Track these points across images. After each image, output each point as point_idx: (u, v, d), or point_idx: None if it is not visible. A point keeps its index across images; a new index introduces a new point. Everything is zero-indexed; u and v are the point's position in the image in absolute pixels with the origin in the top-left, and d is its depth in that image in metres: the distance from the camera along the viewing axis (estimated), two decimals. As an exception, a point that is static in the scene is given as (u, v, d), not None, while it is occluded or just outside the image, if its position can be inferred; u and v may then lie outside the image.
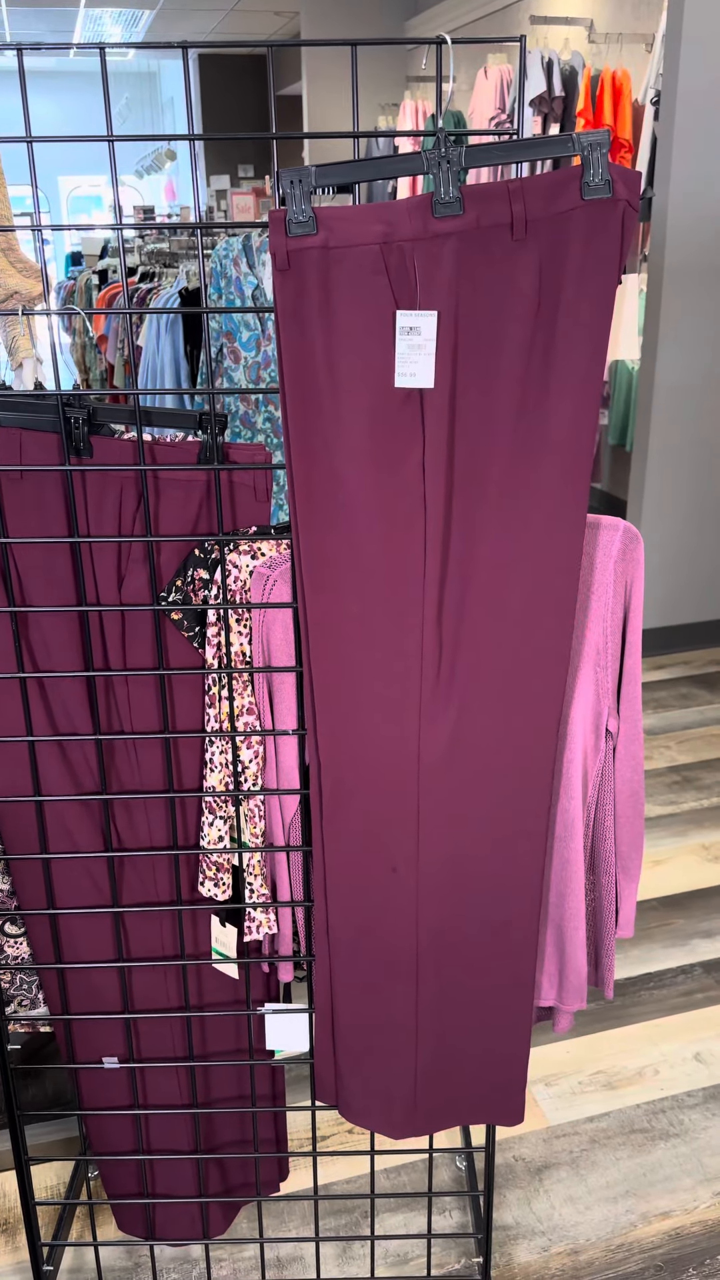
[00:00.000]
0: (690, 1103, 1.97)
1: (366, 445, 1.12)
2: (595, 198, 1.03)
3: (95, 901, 1.37)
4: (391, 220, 1.05)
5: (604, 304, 1.07)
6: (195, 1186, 1.56)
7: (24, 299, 1.71)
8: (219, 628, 1.24)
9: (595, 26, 5.10)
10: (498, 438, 1.11)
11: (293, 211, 1.05)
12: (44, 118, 12.35)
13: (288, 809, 1.33)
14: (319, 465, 1.13)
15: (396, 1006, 1.35)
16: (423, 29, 7.05)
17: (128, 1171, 1.55)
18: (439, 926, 1.31)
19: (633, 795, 1.36)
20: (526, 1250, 1.70)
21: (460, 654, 1.20)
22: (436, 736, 1.23)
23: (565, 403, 1.10)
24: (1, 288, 1.69)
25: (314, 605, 1.19)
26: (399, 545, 1.16)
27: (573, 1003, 1.41)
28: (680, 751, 3.25)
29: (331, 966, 1.35)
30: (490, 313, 1.07)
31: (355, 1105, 1.41)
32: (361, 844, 1.28)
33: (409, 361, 1.07)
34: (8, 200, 1.75)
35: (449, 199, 1.04)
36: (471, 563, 1.16)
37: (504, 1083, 1.40)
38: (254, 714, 1.29)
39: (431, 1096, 1.40)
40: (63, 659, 1.26)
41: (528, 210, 1.04)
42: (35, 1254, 1.57)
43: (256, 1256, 1.69)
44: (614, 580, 1.24)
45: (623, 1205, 1.77)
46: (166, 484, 1.21)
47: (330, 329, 1.08)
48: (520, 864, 1.29)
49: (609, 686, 1.29)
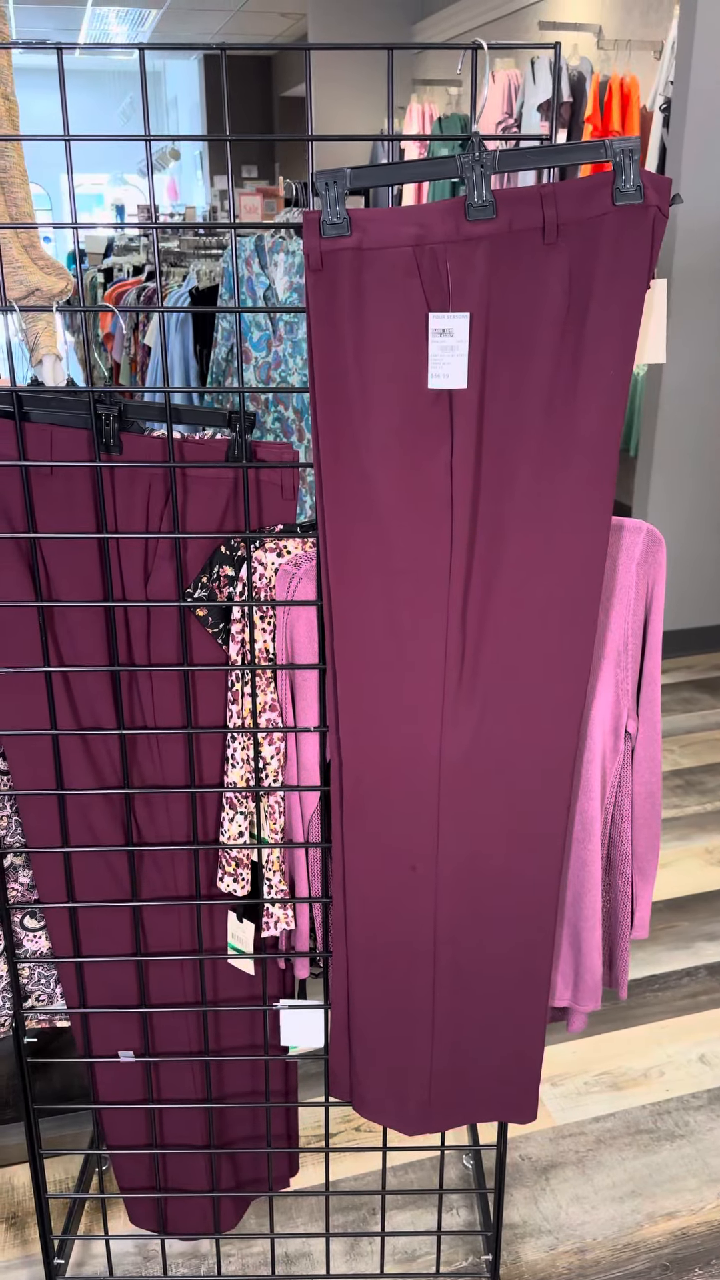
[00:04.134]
0: (695, 1104, 1.98)
1: (395, 445, 1.13)
2: (627, 203, 1.04)
3: (114, 894, 1.38)
4: (424, 223, 1.06)
5: (633, 307, 1.08)
6: (207, 1181, 1.57)
7: (45, 296, 1.72)
8: (243, 624, 1.25)
9: (604, 33, 5.12)
10: (525, 439, 1.12)
11: (327, 213, 1.06)
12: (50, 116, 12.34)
13: (308, 806, 1.34)
14: (347, 464, 1.14)
15: (412, 1003, 1.36)
16: (429, 32, 7.07)
17: (141, 1166, 1.56)
18: (456, 925, 1.32)
19: (650, 797, 1.37)
20: (533, 1249, 1.71)
21: (483, 654, 1.21)
22: (458, 736, 1.24)
23: (592, 405, 1.11)
24: (23, 285, 1.70)
25: (339, 603, 1.20)
26: (425, 545, 1.17)
27: (587, 1003, 1.42)
28: (683, 756, 3.26)
29: (348, 963, 1.35)
30: (521, 315, 1.08)
31: (370, 1101, 1.42)
32: (381, 841, 1.29)
33: (441, 363, 1.08)
34: (30, 198, 1.76)
35: (482, 202, 1.05)
36: (497, 563, 1.17)
37: (518, 1081, 1.41)
38: (276, 711, 1.29)
39: (446, 1093, 1.41)
40: (88, 653, 1.27)
41: (559, 214, 1.06)
42: (46, 1247, 1.57)
43: (265, 1252, 1.69)
44: (636, 582, 1.25)
45: (629, 1205, 1.78)
46: (194, 481, 1.22)
47: (362, 329, 1.09)
48: (539, 864, 1.30)
49: (629, 688, 1.30)
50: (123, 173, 12.84)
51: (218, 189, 9.51)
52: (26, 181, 1.72)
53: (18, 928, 1.42)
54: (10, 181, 1.66)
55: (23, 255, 1.72)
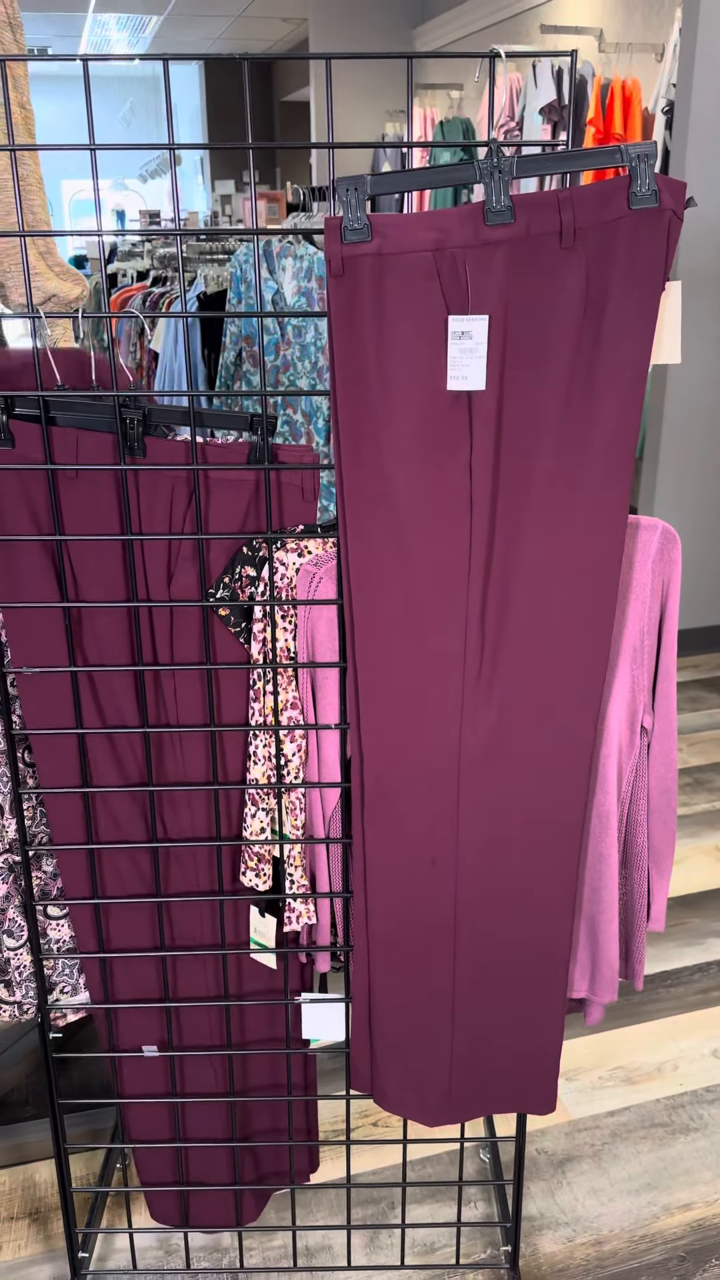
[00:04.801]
0: (709, 1098, 2.00)
1: (415, 446, 1.15)
2: (642, 207, 1.07)
3: (138, 889, 1.40)
4: (444, 227, 1.08)
5: (649, 310, 1.10)
6: (229, 1174, 1.58)
7: (61, 302, 1.74)
8: (265, 624, 1.27)
9: (605, 36, 5.14)
10: (543, 439, 1.14)
11: (348, 218, 1.08)
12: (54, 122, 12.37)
13: (329, 802, 1.36)
14: (368, 465, 1.16)
15: (433, 996, 1.38)
16: (431, 36, 7.10)
17: (163, 1159, 1.58)
18: (476, 918, 1.34)
19: (665, 792, 1.38)
20: (551, 1240, 1.72)
21: (502, 651, 1.23)
22: (477, 732, 1.26)
23: (609, 406, 1.13)
24: (40, 290, 1.72)
25: (359, 602, 1.22)
26: (444, 544, 1.19)
27: (604, 995, 1.44)
28: (692, 754, 3.28)
29: (369, 957, 1.37)
30: (538, 317, 1.10)
31: (391, 1094, 1.44)
32: (401, 837, 1.31)
33: (461, 365, 1.10)
34: (45, 205, 1.78)
35: (501, 207, 1.07)
36: (515, 561, 1.19)
37: (536, 1072, 1.43)
38: (297, 709, 1.32)
39: (466, 1085, 1.43)
40: (113, 653, 1.29)
41: (576, 219, 1.08)
42: (71, 1240, 1.59)
43: (286, 1245, 1.71)
44: (651, 579, 1.27)
45: (645, 1197, 1.80)
46: (216, 484, 1.24)
47: (382, 333, 1.11)
48: (557, 857, 1.32)
49: (645, 684, 1.32)
50: (123, 178, 12.88)
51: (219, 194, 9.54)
52: (43, 189, 1.74)
53: (41, 916, 1.44)
54: (28, 189, 1.68)
55: (40, 262, 1.75)
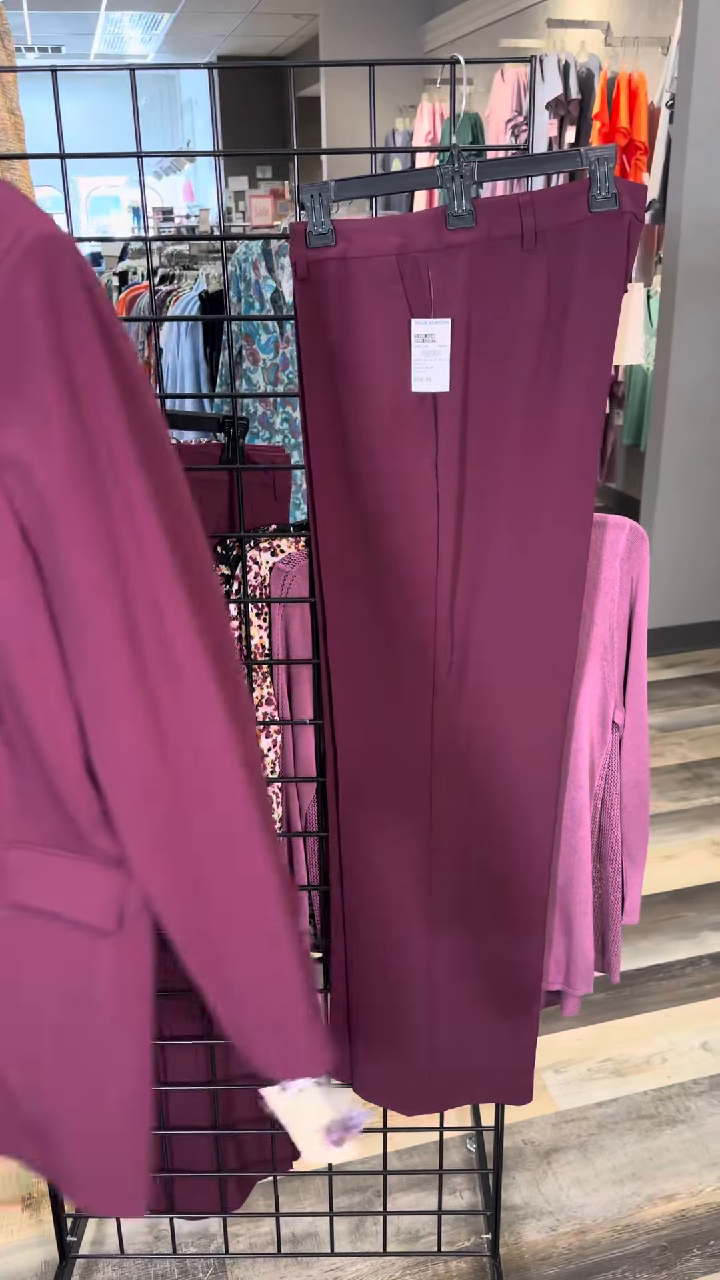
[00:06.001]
0: (697, 1090, 2.01)
1: (382, 447, 1.17)
2: (603, 210, 1.08)
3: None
4: (407, 232, 1.10)
5: (610, 311, 1.11)
6: (213, 1162, 1.61)
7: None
8: (239, 621, 1.30)
9: (612, 29, 5.13)
10: (508, 440, 1.16)
11: (313, 224, 1.10)
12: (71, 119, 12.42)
13: (305, 796, 1.39)
14: (336, 466, 1.18)
15: (410, 988, 1.40)
16: (440, 31, 7.10)
17: (149, 1147, 1.61)
18: (452, 910, 1.36)
19: (638, 786, 1.40)
20: (534, 1229, 1.74)
21: (471, 648, 1.25)
22: (448, 728, 1.28)
23: (572, 406, 1.14)
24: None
25: (330, 601, 1.24)
26: (413, 544, 1.21)
27: (580, 987, 1.46)
28: (692, 749, 3.29)
29: (346, 949, 1.40)
30: (501, 320, 1.12)
31: (370, 1083, 1.46)
32: (375, 831, 1.33)
33: (425, 367, 1.12)
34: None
35: (462, 211, 1.09)
36: (482, 560, 1.21)
37: (514, 1063, 1.45)
38: (274, 704, 1.34)
39: (443, 1075, 1.45)
40: (90, 651, 1.31)
41: (537, 222, 1.09)
42: (60, 1225, 1.63)
43: (272, 1232, 1.74)
44: (620, 577, 1.29)
45: (629, 1188, 1.82)
46: (194, 484, 1.26)
47: (348, 336, 1.13)
48: (530, 851, 1.33)
49: (615, 680, 1.34)
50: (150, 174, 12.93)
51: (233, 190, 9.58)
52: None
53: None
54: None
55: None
